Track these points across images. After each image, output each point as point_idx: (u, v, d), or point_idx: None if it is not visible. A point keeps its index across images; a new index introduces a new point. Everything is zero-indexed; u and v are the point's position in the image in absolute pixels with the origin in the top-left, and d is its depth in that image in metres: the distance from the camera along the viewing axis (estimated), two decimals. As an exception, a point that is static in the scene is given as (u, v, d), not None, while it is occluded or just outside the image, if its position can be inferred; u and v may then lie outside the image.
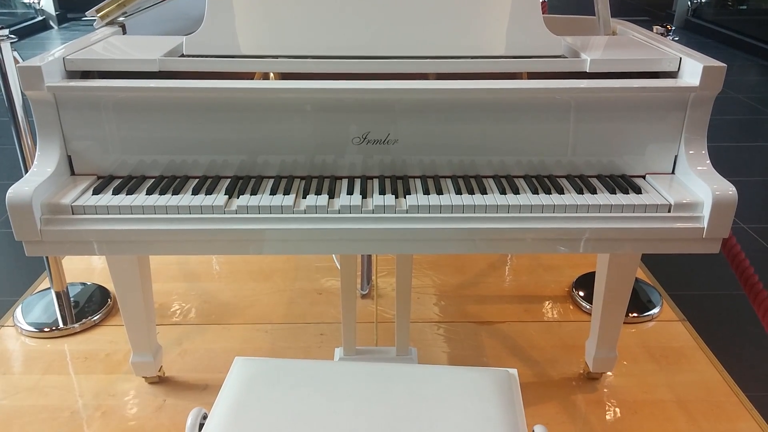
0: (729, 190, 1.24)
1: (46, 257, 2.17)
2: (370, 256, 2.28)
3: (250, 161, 1.35)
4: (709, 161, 1.32)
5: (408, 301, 1.69)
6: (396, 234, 1.25)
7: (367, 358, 1.79)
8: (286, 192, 1.29)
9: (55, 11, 7.17)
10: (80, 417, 1.75)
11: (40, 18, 7.11)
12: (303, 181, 1.33)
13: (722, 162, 1.28)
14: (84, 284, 2.34)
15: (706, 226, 1.25)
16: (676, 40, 1.56)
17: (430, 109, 1.31)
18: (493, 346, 2.05)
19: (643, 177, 1.37)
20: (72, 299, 2.23)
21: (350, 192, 1.29)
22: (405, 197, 1.27)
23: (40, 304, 2.21)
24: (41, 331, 2.08)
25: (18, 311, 2.18)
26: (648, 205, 1.26)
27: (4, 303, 2.27)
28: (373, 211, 1.25)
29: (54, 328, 2.09)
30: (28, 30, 6.83)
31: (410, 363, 1.75)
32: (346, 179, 1.34)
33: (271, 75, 1.46)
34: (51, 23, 7.21)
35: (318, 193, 1.28)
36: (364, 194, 1.29)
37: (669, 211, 1.26)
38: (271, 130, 1.32)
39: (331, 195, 1.28)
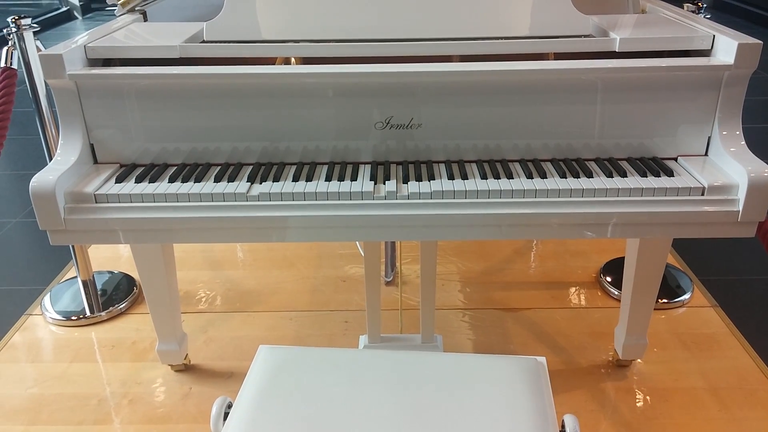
0: (765, 171, 1.19)
1: (72, 246, 2.18)
2: (394, 243, 2.26)
3: (272, 148, 1.33)
4: (743, 142, 1.28)
5: (433, 288, 1.67)
6: (420, 220, 1.23)
7: (392, 345, 1.78)
8: (309, 178, 1.27)
9: (79, 1, 7.22)
10: (108, 404, 1.77)
11: (64, 9, 7.17)
12: (326, 167, 1.31)
13: (753, 144, 1.24)
14: (110, 273, 2.35)
15: (741, 209, 1.21)
16: (707, 18, 1.51)
17: (453, 92, 1.28)
18: (520, 333, 2.02)
19: (675, 159, 1.33)
20: (99, 288, 2.24)
21: (373, 178, 1.27)
22: (429, 182, 1.25)
23: (67, 292, 2.24)
24: (69, 319, 2.11)
25: (46, 300, 2.20)
26: (680, 188, 1.22)
27: (33, 292, 2.30)
28: (397, 196, 1.23)
29: (81, 316, 2.11)
30: (53, 21, 6.89)
31: (435, 350, 1.74)
32: (369, 165, 1.32)
33: (293, 60, 1.44)
34: (75, 14, 7.27)
35: (341, 179, 1.27)
36: (387, 180, 1.26)
37: (702, 194, 1.22)
38: (293, 116, 1.31)
39: (354, 181, 1.26)
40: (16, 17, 1.84)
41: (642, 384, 1.80)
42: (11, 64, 1.86)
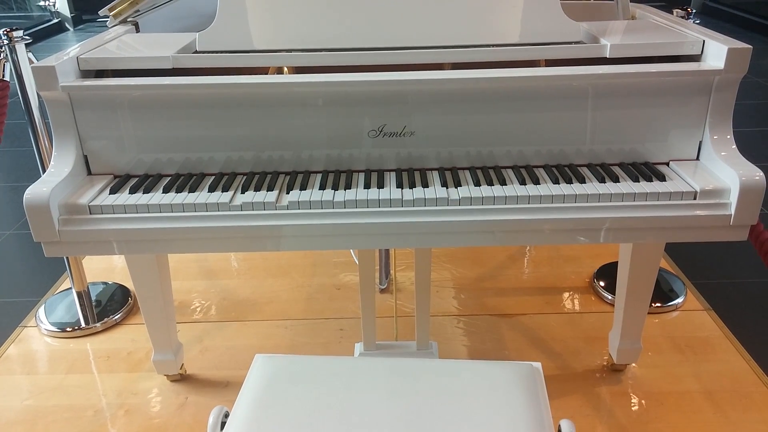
0: (756, 175, 1.20)
1: (66, 258, 2.18)
2: (388, 251, 2.27)
3: (266, 157, 1.34)
4: (735, 146, 1.29)
5: (427, 295, 1.67)
6: (414, 227, 1.23)
7: (388, 352, 1.78)
8: (303, 187, 1.27)
9: (70, 13, 7.22)
10: (104, 416, 1.76)
11: (55, 20, 7.16)
12: (319, 176, 1.32)
13: (744, 148, 1.25)
14: (105, 283, 2.35)
15: (733, 212, 1.22)
16: (697, 23, 1.52)
17: (446, 100, 1.29)
18: (514, 338, 2.02)
19: (667, 164, 1.34)
20: (93, 299, 2.24)
21: (367, 186, 1.27)
22: (423, 190, 1.25)
23: (62, 304, 2.23)
24: (64, 331, 2.10)
25: (41, 311, 2.19)
26: (673, 192, 1.23)
27: (27, 304, 2.29)
28: (391, 204, 1.23)
29: (76, 327, 2.11)
30: (44, 32, 6.88)
31: (431, 357, 1.74)
32: (363, 173, 1.33)
33: (285, 69, 1.44)
34: (66, 25, 7.26)
35: (335, 187, 1.27)
36: (381, 188, 1.27)
37: (694, 199, 1.23)
38: (287, 125, 1.31)
39: (348, 189, 1.26)
40: (8, 29, 1.84)
41: (637, 388, 1.81)
42: (3, 76, 1.86)
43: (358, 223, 1.23)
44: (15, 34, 1.84)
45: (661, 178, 1.27)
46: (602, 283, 2.25)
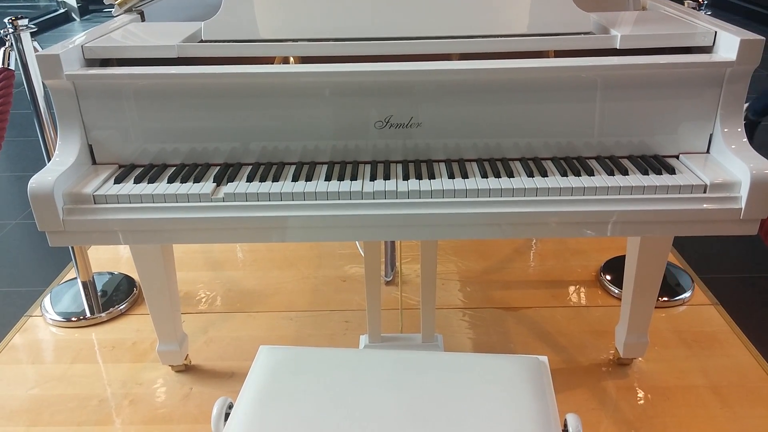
0: (767, 168, 1.19)
1: (72, 247, 2.18)
2: (393, 243, 2.26)
3: (272, 147, 1.33)
4: (746, 139, 1.27)
5: (433, 288, 1.66)
6: (420, 219, 1.22)
7: (393, 345, 1.77)
8: (308, 178, 1.26)
9: (77, 3, 7.21)
10: (109, 405, 1.76)
11: (62, 10, 7.16)
12: (325, 167, 1.31)
13: (754, 142, 1.24)
14: (110, 273, 2.35)
15: (743, 206, 1.20)
16: (708, 14, 1.50)
17: (453, 91, 1.28)
18: (520, 332, 2.02)
19: (677, 157, 1.33)
20: (99, 289, 2.24)
21: (373, 177, 1.26)
22: (429, 181, 1.24)
23: (67, 294, 2.23)
24: (69, 320, 2.10)
25: (46, 301, 2.20)
26: (682, 185, 1.21)
27: (33, 293, 2.29)
28: (397, 196, 1.22)
29: (81, 317, 2.11)
30: (51, 22, 6.88)
31: (436, 350, 1.74)
32: (369, 164, 1.32)
33: (291, 59, 1.43)
34: (73, 15, 7.26)
35: (340, 178, 1.26)
36: (387, 179, 1.26)
37: (704, 192, 1.22)
38: (292, 116, 1.30)
39: (354, 180, 1.25)
40: (14, 18, 1.84)
41: (643, 382, 1.80)
42: (9, 65, 1.86)
43: (363, 214, 1.22)
44: (20, 22, 1.84)
45: (671, 171, 1.26)
46: (609, 277, 2.23)
